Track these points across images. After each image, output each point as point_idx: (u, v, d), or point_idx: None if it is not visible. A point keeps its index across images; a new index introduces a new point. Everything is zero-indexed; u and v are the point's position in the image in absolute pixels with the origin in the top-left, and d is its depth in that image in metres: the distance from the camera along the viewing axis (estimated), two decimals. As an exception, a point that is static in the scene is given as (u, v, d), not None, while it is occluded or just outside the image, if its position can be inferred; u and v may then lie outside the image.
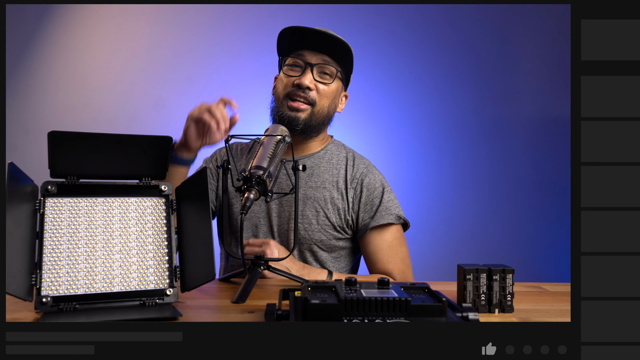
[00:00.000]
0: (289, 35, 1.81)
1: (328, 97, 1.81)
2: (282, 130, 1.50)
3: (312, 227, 1.85)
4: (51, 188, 1.23)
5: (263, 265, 1.50)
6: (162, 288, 1.26)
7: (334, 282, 1.15)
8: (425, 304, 1.01)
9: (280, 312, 1.07)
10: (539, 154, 3.52)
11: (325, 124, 1.88)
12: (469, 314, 1.07)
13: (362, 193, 1.88)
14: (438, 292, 1.12)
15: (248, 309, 1.29)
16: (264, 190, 1.33)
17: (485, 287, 1.28)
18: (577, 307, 0.97)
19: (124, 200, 1.28)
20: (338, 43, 1.78)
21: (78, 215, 1.24)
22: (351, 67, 1.88)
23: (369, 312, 1.00)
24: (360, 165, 1.92)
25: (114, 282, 1.23)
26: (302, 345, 0.91)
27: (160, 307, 1.22)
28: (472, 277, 1.28)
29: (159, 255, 1.28)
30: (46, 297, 1.16)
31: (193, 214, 1.30)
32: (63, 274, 1.20)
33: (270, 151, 1.41)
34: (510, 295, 1.28)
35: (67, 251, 1.21)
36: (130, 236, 1.27)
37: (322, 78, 1.79)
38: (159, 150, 1.27)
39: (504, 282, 1.28)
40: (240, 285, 1.42)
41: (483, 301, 1.29)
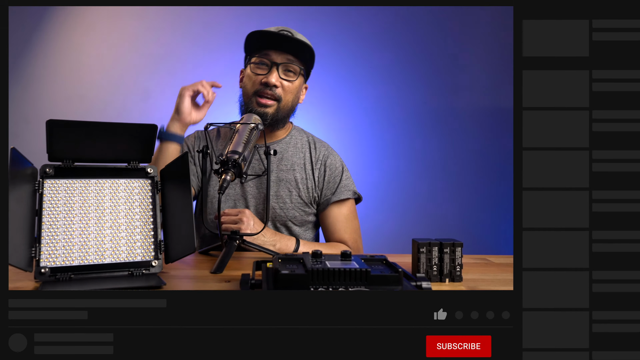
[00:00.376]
0: (256, 37, 1.89)
1: (292, 92, 1.90)
2: (256, 119, 1.57)
3: (287, 206, 1.95)
4: (49, 170, 1.27)
5: (238, 240, 1.57)
6: (148, 260, 1.30)
7: (302, 255, 1.20)
8: (383, 274, 1.06)
9: (253, 281, 1.13)
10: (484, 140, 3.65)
11: (289, 115, 1.97)
12: (423, 283, 1.13)
13: (325, 172, 2.00)
14: (395, 263, 1.17)
15: (225, 278, 1.34)
16: (239, 172, 1.38)
17: (437, 259, 1.34)
18: (519, 277, 1.02)
19: (114, 181, 1.33)
20: (301, 44, 1.86)
21: (73, 195, 1.28)
22: (312, 63, 1.96)
23: (333, 281, 1.05)
24: (322, 148, 2.05)
25: (105, 255, 1.27)
26: (273, 311, 0.97)
27: (147, 277, 1.27)
28: (425, 250, 1.34)
29: (145, 231, 1.33)
30: (44, 268, 1.21)
31: (176, 194, 1.34)
32: (60, 247, 1.24)
33: (245, 137, 1.47)
34: (459, 267, 1.34)
35: (63, 227, 1.25)
36: (120, 213, 1.31)
37: (286, 76, 1.88)
38: (145, 136, 1.32)
39: (454, 254, 1.34)
40: (218, 258, 1.48)
41: (435, 272, 1.34)
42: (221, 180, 1.35)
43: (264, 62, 1.87)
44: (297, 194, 1.97)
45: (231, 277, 1.36)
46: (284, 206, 1.96)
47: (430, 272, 1.35)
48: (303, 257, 1.18)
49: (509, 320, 0.99)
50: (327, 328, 0.97)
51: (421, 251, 1.35)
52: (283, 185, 1.97)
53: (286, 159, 2.00)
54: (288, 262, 1.16)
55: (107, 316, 0.98)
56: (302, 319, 0.97)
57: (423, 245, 1.35)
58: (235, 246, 1.56)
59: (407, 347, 0.97)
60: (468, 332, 0.98)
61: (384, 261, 1.21)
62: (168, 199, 1.37)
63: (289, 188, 1.97)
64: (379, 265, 1.17)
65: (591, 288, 1.01)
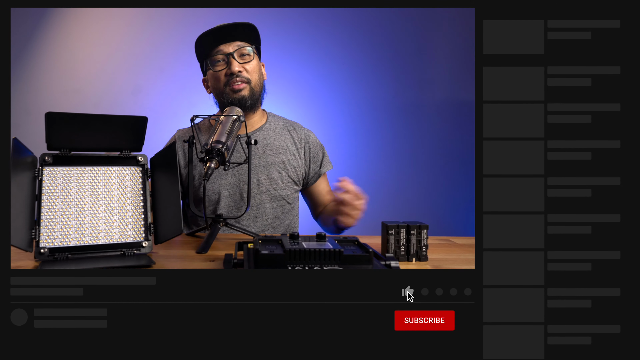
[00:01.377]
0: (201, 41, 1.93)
1: (255, 71, 1.95)
2: (238, 112, 1.59)
3: (279, 186, 1.99)
4: (48, 159, 1.30)
5: (222, 222, 1.60)
6: (139, 241, 1.33)
7: (280, 236, 1.22)
8: (355, 254, 1.08)
9: (236, 260, 1.15)
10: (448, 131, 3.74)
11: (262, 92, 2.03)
12: (391, 262, 1.15)
13: (310, 150, 2.08)
14: (366, 244, 1.19)
15: (210, 258, 1.36)
16: (223, 161, 1.40)
17: (404, 240, 1.36)
18: (480, 257, 1.04)
19: (107, 168, 1.35)
20: (241, 26, 1.91)
21: (70, 181, 1.31)
22: (259, 39, 2.00)
23: (309, 260, 1.07)
24: (300, 129, 2.13)
25: (99, 236, 1.30)
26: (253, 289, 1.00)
27: (138, 257, 1.29)
28: (393, 232, 1.36)
29: (136, 214, 1.35)
30: (44, 249, 1.23)
31: (164, 181, 1.36)
32: (57, 229, 1.26)
33: (228, 128, 1.49)
34: (425, 247, 1.36)
35: (61, 210, 1.28)
36: (113, 198, 1.33)
37: (244, 59, 1.92)
38: (136, 127, 1.33)
39: (420, 236, 1.36)
40: (203, 239, 1.51)
41: (403, 252, 1.36)
42: (206, 167, 1.37)
43: (220, 58, 1.92)
44: (286, 175, 2.02)
45: (215, 256, 1.37)
46: (277, 187, 1.99)
47: (398, 252, 1.37)
48: (281, 239, 1.20)
49: (471, 297, 1.01)
50: (303, 304, 0.99)
51: (390, 233, 1.37)
52: (273, 168, 2.00)
53: (270, 144, 2.03)
54: (267, 243, 1.17)
55: (101, 293, 1.00)
56: (280, 296, 0.99)
57: (392, 228, 1.37)
58: (219, 228, 1.58)
59: (377, 321, 0.99)
60: (433, 308, 1.00)
61: (355, 242, 1.23)
62: (157, 185, 1.38)
63: (278, 170, 2.00)
64: (351, 246, 1.19)
65: (546, 267, 1.03)
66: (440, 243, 1.65)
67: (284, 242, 1.16)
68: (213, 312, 1.00)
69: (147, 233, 1.36)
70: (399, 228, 1.38)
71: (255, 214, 1.97)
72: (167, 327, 1.00)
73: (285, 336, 1.00)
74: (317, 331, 1.00)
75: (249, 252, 1.15)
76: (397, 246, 1.38)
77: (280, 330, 1.00)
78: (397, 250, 1.38)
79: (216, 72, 1.95)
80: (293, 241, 1.17)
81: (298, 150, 2.08)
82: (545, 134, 1.07)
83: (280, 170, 2.02)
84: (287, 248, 1.09)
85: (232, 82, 1.91)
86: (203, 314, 1.00)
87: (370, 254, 1.11)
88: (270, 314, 1.00)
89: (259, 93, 2.01)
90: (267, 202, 1.99)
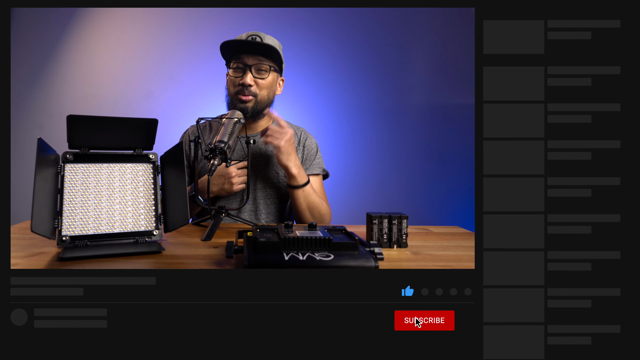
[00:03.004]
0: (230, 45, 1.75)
1: (266, 88, 1.77)
2: (238, 114, 1.47)
3: (280, 183, 1.83)
4: (69, 156, 1.17)
5: (224, 213, 1.47)
6: (150, 230, 1.21)
7: (276, 225, 1.10)
8: (343, 242, 0.97)
9: (236, 247, 1.03)
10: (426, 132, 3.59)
11: (268, 106, 1.82)
12: (375, 249, 1.03)
13: (304, 152, 1.89)
14: (352, 232, 1.07)
15: (213, 245, 1.24)
16: (225, 158, 1.31)
17: (387, 229, 1.23)
18: (480, 256, 0.84)
19: (122, 165, 1.23)
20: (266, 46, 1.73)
21: (89, 177, 1.18)
22: (281, 59, 1.82)
23: (301, 247, 0.96)
24: (301, 132, 1.95)
25: (115, 225, 1.17)
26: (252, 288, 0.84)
27: (149, 244, 1.17)
28: (377, 222, 1.23)
29: (148, 206, 1.23)
30: (65, 236, 1.10)
31: (173, 176, 1.25)
32: (78, 219, 1.13)
33: (230, 129, 1.38)
34: (405, 235, 1.23)
35: (81, 202, 1.15)
36: (127, 191, 1.21)
37: (259, 74, 1.74)
38: (148, 129, 1.23)
39: (401, 225, 1.23)
40: (208, 228, 1.39)
41: (385, 239, 1.22)
42: (210, 164, 1.27)
43: (239, 66, 1.75)
44: (283, 174, 1.83)
45: (218, 244, 1.26)
46: (277, 183, 1.83)
47: (381, 239, 1.24)
48: (277, 228, 1.09)
49: (471, 297, 0.82)
50: (303, 304, 0.80)
51: (374, 222, 1.25)
52: (271, 167, 1.84)
53: None
54: (265, 232, 1.08)
55: (101, 293, 0.81)
56: (280, 296, 0.82)
57: (375, 218, 1.25)
58: (221, 218, 1.47)
59: (377, 321, 0.79)
60: (433, 308, 0.80)
61: (343, 231, 1.13)
62: (166, 179, 1.27)
63: (276, 170, 1.84)
64: (339, 234, 1.08)
65: (546, 267, 0.82)
66: (418, 232, 1.51)
67: (280, 231, 1.05)
68: (214, 312, 0.83)
69: (158, 222, 1.23)
70: (382, 218, 1.25)
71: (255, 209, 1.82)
72: (168, 327, 0.82)
73: (285, 336, 0.81)
74: (316, 331, 0.81)
75: (249, 240, 1.05)
76: (380, 234, 1.25)
77: (279, 331, 0.81)
78: (380, 238, 1.25)
79: (233, 76, 1.77)
80: (287, 230, 1.06)
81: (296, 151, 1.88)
82: (545, 134, 0.86)
83: (277, 170, 1.85)
84: (282, 236, 0.98)
85: (241, 92, 1.75)
86: (204, 314, 0.83)
87: (356, 241, 0.99)
88: (270, 314, 0.82)
89: (264, 107, 1.81)
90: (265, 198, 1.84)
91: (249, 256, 0.90)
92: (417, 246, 1.27)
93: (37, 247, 1.16)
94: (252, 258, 0.89)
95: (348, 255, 0.94)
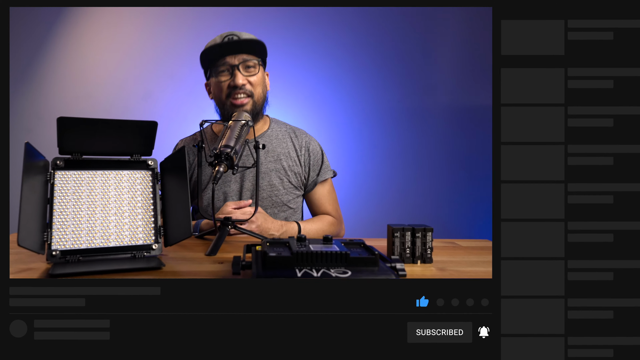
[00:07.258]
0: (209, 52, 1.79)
1: (259, 84, 1.80)
2: (246, 116, 1.49)
3: (280, 192, 1.86)
4: (59, 163, 1.20)
5: (230, 225, 1.49)
6: (149, 243, 1.23)
7: (288, 239, 1.11)
8: (361, 256, 0.97)
9: (244, 262, 1.04)
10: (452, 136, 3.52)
11: (263, 105, 1.87)
12: (397, 264, 1.04)
13: (309, 157, 1.92)
14: (372, 246, 1.08)
15: (218, 260, 1.26)
16: (231, 164, 1.32)
17: (409, 242, 1.26)
18: (498, 266, 0.91)
19: (118, 172, 1.25)
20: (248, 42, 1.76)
21: (81, 185, 1.21)
22: (265, 51, 1.84)
23: (316, 262, 0.96)
24: (302, 136, 1.96)
25: (110, 239, 1.19)
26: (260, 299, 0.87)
27: (148, 259, 1.19)
28: (399, 235, 1.26)
29: (147, 217, 1.25)
30: (55, 251, 1.13)
31: (174, 184, 1.27)
32: (69, 232, 1.16)
33: (236, 133, 1.40)
34: (429, 250, 1.26)
35: (72, 214, 1.18)
36: (123, 201, 1.23)
37: (248, 72, 1.77)
38: (146, 132, 1.24)
39: (425, 238, 1.25)
40: (212, 241, 1.40)
41: (408, 254, 1.26)
42: (215, 171, 1.29)
43: (225, 68, 1.77)
44: (287, 181, 1.88)
45: (224, 259, 1.28)
46: (278, 192, 1.86)
47: (403, 254, 1.26)
48: (289, 241, 1.09)
49: (488, 307, 0.88)
50: (312, 315, 0.86)
51: (395, 235, 1.26)
52: (274, 174, 1.87)
53: (272, 150, 1.90)
54: (275, 246, 1.08)
55: (103, 303, 0.87)
56: (288, 306, 0.87)
57: (397, 230, 1.27)
58: (227, 231, 1.48)
59: (389, 333, 0.86)
60: (449, 319, 0.87)
61: (362, 244, 1.13)
62: (167, 188, 1.29)
63: (279, 176, 1.87)
64: (357, 248, 1.09)
65: (566, 276, 0.89)
66: (445, 245, 1.53)
67: (292, 245, 1.04)
68: (220, 323, 0.88)
69: (157, 236, 1.25)
70: (404, 231, 1.27)
71: None
72: (174, 340, 0.87)
73: (294, 348, 0.87)
74: (326, 343, 0.87)
75: (257, 255, 1.05)
76: (402, 249, 1.27)
77: (288, 342, 0.87)
78: (403, 252, 1.27)
79: (220, 81, 1.80)
80: (300, 244, 1.06)
81: (298, 157, 1.94)
82: (566, 138, 0.93)
83: (281, 176, 1.89)
84: (295, 250, 0.98)
85: (235, 95, 1.77)
86: (210, 325, 0.88)
87: (376, 256, 0.99)
88: (278, 325, 0.87)
89: (261, 106, 1.86)
90: (268, 207, 1.87)
91: (257, 273, 0.93)
92: (443, 262, 1.30)
93: (24, 262, 1.20)
94: (261, 275, 0.92)
95: (367, 271, 0.95)
